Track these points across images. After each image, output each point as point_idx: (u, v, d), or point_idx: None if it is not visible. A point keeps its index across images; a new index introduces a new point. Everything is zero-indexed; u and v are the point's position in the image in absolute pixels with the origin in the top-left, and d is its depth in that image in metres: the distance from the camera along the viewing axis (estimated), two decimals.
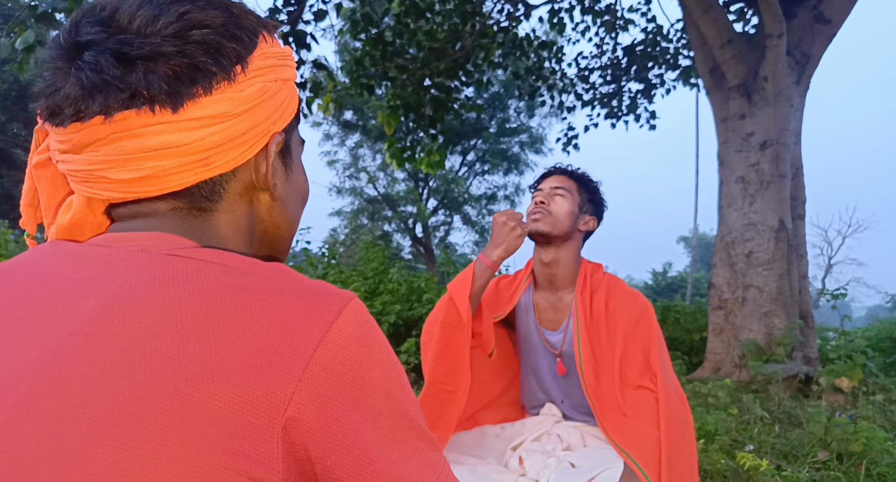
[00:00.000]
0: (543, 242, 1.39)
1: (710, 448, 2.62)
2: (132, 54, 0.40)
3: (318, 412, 0.37)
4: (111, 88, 0.40)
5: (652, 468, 1.12)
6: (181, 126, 0.42)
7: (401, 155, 6.57)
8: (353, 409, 0.39)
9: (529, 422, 1.45)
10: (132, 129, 0.41)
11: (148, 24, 0.41)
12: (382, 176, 18.58)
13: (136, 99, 0.41)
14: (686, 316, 5.78)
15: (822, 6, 4.64)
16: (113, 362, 0.35)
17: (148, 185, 0.43)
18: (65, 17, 4.04)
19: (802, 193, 4.83)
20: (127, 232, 0.45)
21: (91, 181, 0.44)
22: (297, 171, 0.55)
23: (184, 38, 0.42)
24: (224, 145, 0.44)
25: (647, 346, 1.30)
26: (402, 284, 5.58)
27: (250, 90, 0.45)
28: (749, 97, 4.63)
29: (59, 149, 0.44)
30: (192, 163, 0.43)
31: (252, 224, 0.50)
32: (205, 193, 0.46)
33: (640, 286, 26.82)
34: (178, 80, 0.41)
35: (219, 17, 0.44)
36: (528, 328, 1.48)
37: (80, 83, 0.40)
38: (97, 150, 0.42)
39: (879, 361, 5.06)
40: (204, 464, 0.34)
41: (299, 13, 5.14)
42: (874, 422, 3.10)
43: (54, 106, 0.42)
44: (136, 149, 0.41)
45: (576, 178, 1.42)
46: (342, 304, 0.40)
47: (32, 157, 0.48)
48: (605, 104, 8.39)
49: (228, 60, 0.44)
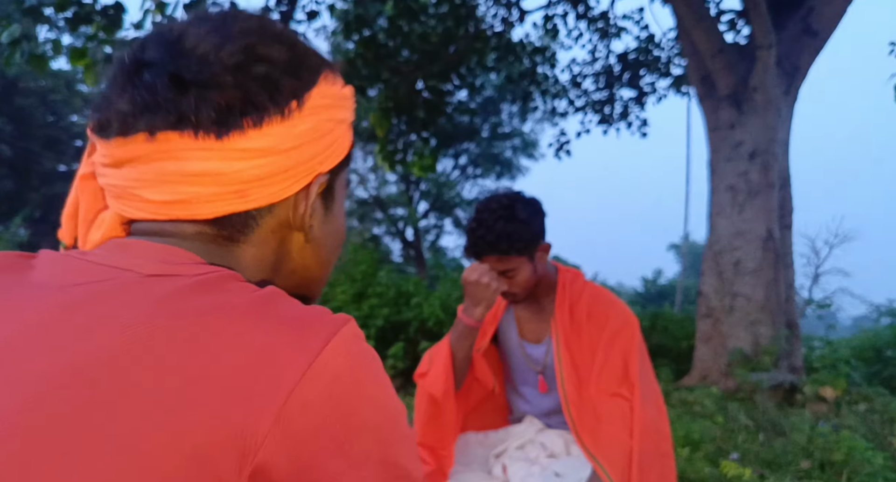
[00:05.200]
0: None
1: (694, 456, 2.62)
2: (188, 79, 0.40)
3: (294, 459, 0.33)
4: (160, 109, 0.40)
5: (619, 474, 1.13)
6: (223, 154, 0.41)
7: (392, 157, 6.56)
8: (336, 456, 0.35)
9: (513, 429, 1.44)
10: (173, 150, 0.40)
11: (211, 52, 0.41)
12: (373, 177, 18.56)
13: (182, 122, 0.40)
14: (675, 323, 5.81)
15: (810, 19, 4.71)
16: (66, 385, 0.31)
17: (180, 209, 0.42)
18: (53, 12, 4.00)
19: (790, 203, 4.88)
20: (136, 238, 0.43)
21: (125, 198, 0.43)
22: (338, 214, 0.52)
23: (244, 70, 0.41)
24: (265, 179, 0.42)
25: (627, 357, 1.29)
26: (391, 288, 5.55)
27: (301, 127, 0.43)
28: (739, 107, 4.67)
29: (101, 162, 0.44)
30: (229, 193, 0.42)
31: (279, 261, 0.48)
32: (236, 225, 0.44)
33: (631, 293, 26.92)
34: (229, 111, 0.40)
35: (283, 54, 0.43)
36: (511, 344, 1.47)
37: (133, 100, 0.40)
38: (135, 167, 0.41)
39: (863, 371, 5.11)
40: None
41: (291, 13, 5.12)
42: (856, 431, 3.12)
43: (104, 119, 0.42)
44: (174, 171, 0.40)
45: (513, 253, 1.26)
46: (332, 331, 0.36)
47: (80, 168, 0.48)
48: (598, 110, 8.45)
49: (284, 97, 0.42)
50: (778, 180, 4.63)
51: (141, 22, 3.90)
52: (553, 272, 1.42)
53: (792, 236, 4.89)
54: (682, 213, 12.83)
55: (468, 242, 1.30)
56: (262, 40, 0.43)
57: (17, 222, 9.70)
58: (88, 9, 3.82)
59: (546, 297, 1.41)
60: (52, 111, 20.64)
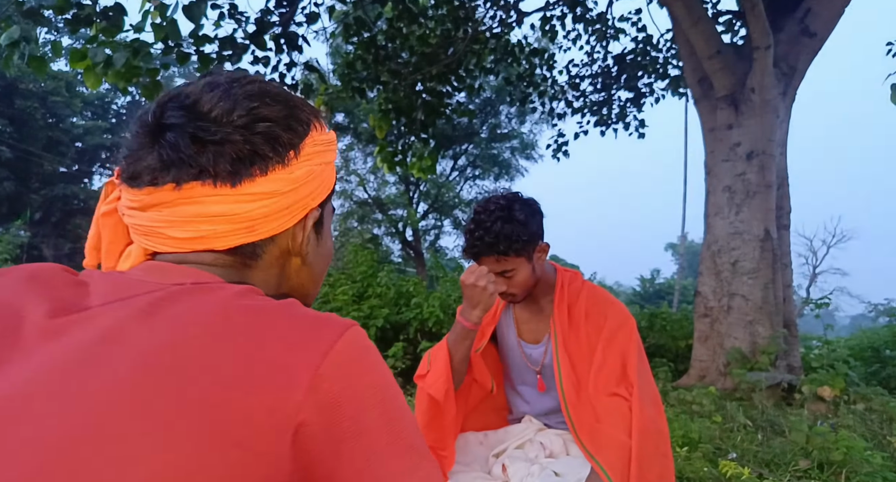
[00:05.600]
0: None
1: (693, 455, 2.63)
2: (207, 139, 0.49)
3: (322, 419, 0.42)
4: (185, 165, 0.48)
5: (618, 473, 1.13)
6: (236, 198, 0.50)
7: (392, 159, 6.57)
8: (351, 421, 0.43)
9: (512, 429, 1.45)
10: (195, 197, 0.49)
11: (224, 115, 0.50)
12: (373, 179, 18.56)
13: (203, 174, 0.49)
14: (672, 323, 5.81)
15: (808, 20, 4.72)
16: (152, 366, 0.39)
17: (199, 243, 0.51)
18: (52, 14, 4.00)
19: (788, 203, 4.89)
20: (166, 263, 0.52)
21: (151, 235, 0.51)
22: (327, 238, 0.62)
23: (251, 129, 0.50)
24: (270, 217, 0.52)
25: (626, 356, 1.29)
26: (391, 288, 5.56)
27: (299, 173, 0.53)
28: (736, 108, 4.69)
29: (128, 205, 0.52)
30: (240, 229, 0.51)
31: (280, 281, 0.58)
32: (245, 253, 0.53)
33: (629, 293, 26.94)
34: (241, 163, 0.50)
35: (281, 112, 0.53)
36: (510, 344, 1.48)
37: (161, 158, 0.49)
38: (161, 211, 0.50)
39: (861, 371, 5.12)
40: (227, 459, 0.38)
41: (291, 15, 5.13)
42: (855, 431, 3.13)
43: (134, 172, 0.50)
44: (195, 214, 0.49)
45: (511, 253, 1.27)
46: (343, 329, 0.45)
47: (101, 207, 0.56)
48: (595, 112, 8.46)
49: (284, 148, 0.52)
50: (776, 181, 4.64)
51: (140, 24, 3.91)
52: (551, 272, 1.43)
53: (790, 236, 4.91)
54: (679, 213, 12.85)
55: (467, 243, 1.31)
56: (263, 102, 0.52)
57: (17, 224, 9.69)
58: (88, 10, 3.83)
59: (544, 298, 1.42)
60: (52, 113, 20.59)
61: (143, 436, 0.37)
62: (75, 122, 21.77)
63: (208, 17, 4.04)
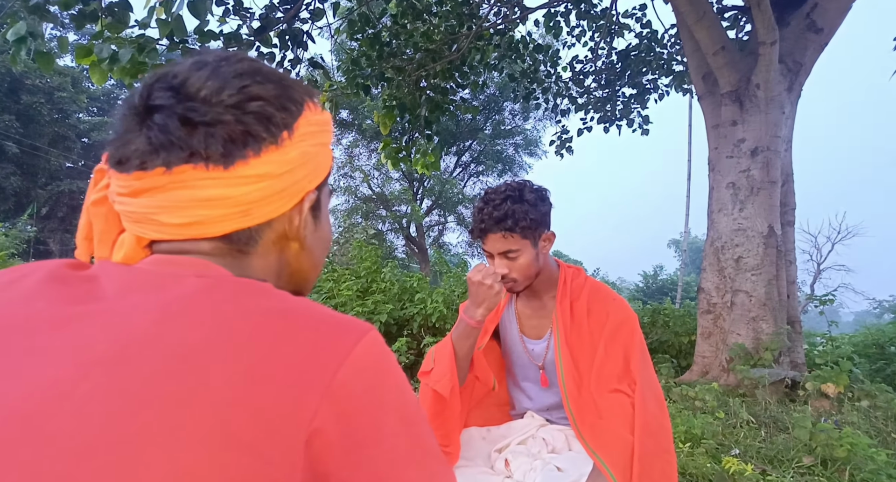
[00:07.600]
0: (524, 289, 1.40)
1: (696, 452, 2.64)
2: (196, 120, 0.46)
3: (339, 427, 0.41)
4: (174, 147, 0.46)
5: (621, 470, 1.13)
6: (230, 182, 0.48)
7: (396, 155, 6.57)
8: (370, 428, 0.43)
9: (515, 425, 1.45)
10: (187, 181, 0.47)
11: (213, 95, 0.47)
12: (377, 175, 18.56)
13: (194, 156, 0.47)
14: (675, 319, 5.80)
15: (814, 15, 4.69)
16: (170, 367, 0.39)
17: (194, 229, 0.49)
18: (58, 10, 4.02)
19: (792, 200, 4.87)
20: (174, 255, 0.50)
21: (143, 222, 0.49)
22: (325, 222, 0.61)
23: (242, 108, 0.48)
24: (265, 200, 0.50)
25: (628, 352, 1.29)
26: (395, 284, 5.57)
27: (293, 154, 0.51)
28: (741, 104, 4.66)
29: (118, 191, 0.50)
30: (235, 213, 0.49)
31: (281, 267, 0.56)
32: (242, 239, 0.51)
33: (631, 288, 26.88)
34: (233, 144, 0.47)
35: (273, 90, 0.50)
36: (512, 340, 1.48)
37: (149, 140, 0.47)
38: (153, 196, 0.48)
39: (865, 367, 5.11)
40: (238, 464, 0.37)
41: (296, 11, 5.12)
42: (859, 427, 3.13)
43: (122, 156, 0.48)
44: (188, 198, 0.47)
45: (517, 230, 1.28)
46: (361, 334, 0.45)
47: (90, 195, 0.54)
48: (599, 108, 8.44)
49: (277, 128, 0.50)
50: (780, 177, 4.62)
51: (146, 20, 3.92)
52: (555, 268, 1.44)
53: (794, 232, 4.89)
54: (683, 209, 12.77)
55: (474, 221, 1.33)
56: (255, 80, 0.49)
57: (24, 219, 9.75)
58: (94, 6, 3.84)
59: (547, 293, 1.43)
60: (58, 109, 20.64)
61: (155, 438, 0.36)
62: (81, 117, 21.82)
63: (213, 13, 4.04)
